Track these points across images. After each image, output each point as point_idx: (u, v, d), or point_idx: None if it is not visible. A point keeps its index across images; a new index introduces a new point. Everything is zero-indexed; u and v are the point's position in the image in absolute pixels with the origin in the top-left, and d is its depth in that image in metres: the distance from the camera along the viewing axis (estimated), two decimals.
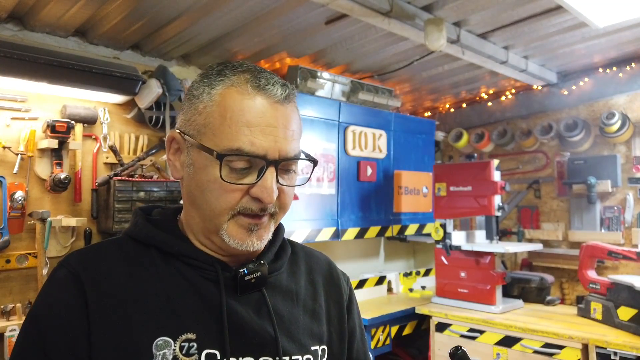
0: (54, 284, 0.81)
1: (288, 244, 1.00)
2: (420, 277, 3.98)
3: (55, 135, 2.45)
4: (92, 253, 0.85)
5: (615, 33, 2.81)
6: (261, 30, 2.63)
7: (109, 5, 2.28)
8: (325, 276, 1.01)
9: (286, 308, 0.90)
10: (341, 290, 1.02)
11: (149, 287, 0.81)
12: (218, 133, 0.80)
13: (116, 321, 0.77)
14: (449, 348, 0.89)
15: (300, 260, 1.00)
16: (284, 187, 0.84)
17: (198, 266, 0.84)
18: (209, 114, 0.81)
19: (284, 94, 0.82)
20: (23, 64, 2.25)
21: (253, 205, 0.81)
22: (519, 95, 3.85)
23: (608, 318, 2.67)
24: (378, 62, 3.25)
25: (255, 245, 0.83)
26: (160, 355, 0.76)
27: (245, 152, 0.79)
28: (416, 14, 2.45)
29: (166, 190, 2.73)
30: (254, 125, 0.79)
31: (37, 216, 2.43)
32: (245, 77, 0.82)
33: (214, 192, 0.81)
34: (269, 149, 0.79)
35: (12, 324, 2.27)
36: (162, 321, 0.78)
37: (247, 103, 0.80)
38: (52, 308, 0.78)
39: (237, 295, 0.85)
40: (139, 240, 0.86)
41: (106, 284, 0.79)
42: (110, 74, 2.51)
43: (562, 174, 3.63)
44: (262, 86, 0.81)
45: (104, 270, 0.81)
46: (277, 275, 0.92)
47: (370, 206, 3.37)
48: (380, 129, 3.44)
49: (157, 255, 0.84)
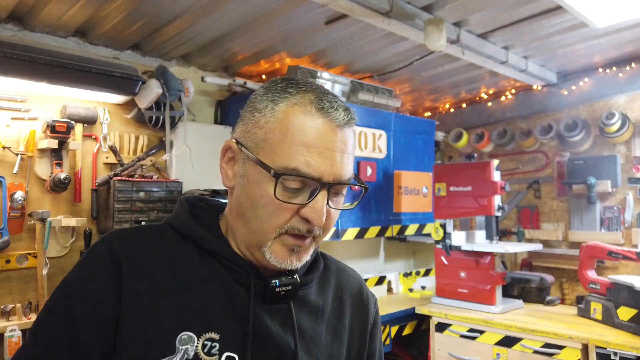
0: (93, 258, 0.81)
1: (321, 258, 1.00)
2: (420, 277, 3.98)
3: (55, 135, 2.45)
4: (133, 234, 0.86)
5: (615, 33, 2.81)
6: (261, 30, 2.63)
7: (109, 5, 2.28)
8: (354, 295, 1.01)
9: (310, 325, 0.90)
10: (368, 313, 1.03)
11: (182, 279, 0.82)
12: (277, 150, 0.80)
13: (146, 306, 0.78)
14: (449, 348, 0.90)
15: (332, 275, 1.00)
16: (331, 210, 0.84)
17: (232, 268, 0.85)
18: (269, 129, 0.81)
19: (346, 119, 0.83)
20: (23, 64, 2.25)
21: (301, 226, 0.82)
22: (519, 95, 3.85)
23: (608, 318, 2.67)
24: (378, 62, 3.25)
25: (293, 266, 0.84)
26: (183, 350, 0.77)
27: (302, 173, 0.79)
28: (416, 14, 2.45)
29: (166, 191, 2.73)
30: (313, 147, 0.79)
31: (37, 216, 2.43)
32: (309, 97, 0.82)
33: (265, 208, 0.81)
34: (324, 172, 0.80)
35: (11, 324, 2.27)
36: (189, 316, 0.79)
37: (309, 124, 0.80)
38: (86, 280, 0.79)
39: (264, 304, 0.85)
40: (179, 231, 0.87)
41: (143, 267, 0.80)
42: (110, 74, 2.51)
43: (562, 174, 3.63)
44: (325, 109, 0.81)
45: (143, 253, 0.82)
46: (306, 289, 0.93)
47: (370, 206, 3.37)
48: (380, 129, 3.44)
49: (194, 249, 0.85)
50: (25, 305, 2.38)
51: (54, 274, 2.55)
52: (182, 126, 2.94)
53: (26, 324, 2.32)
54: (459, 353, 2.92)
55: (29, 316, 2.37)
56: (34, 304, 2.43)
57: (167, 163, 2.95)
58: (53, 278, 2.54)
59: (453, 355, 2.94)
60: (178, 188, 2.76)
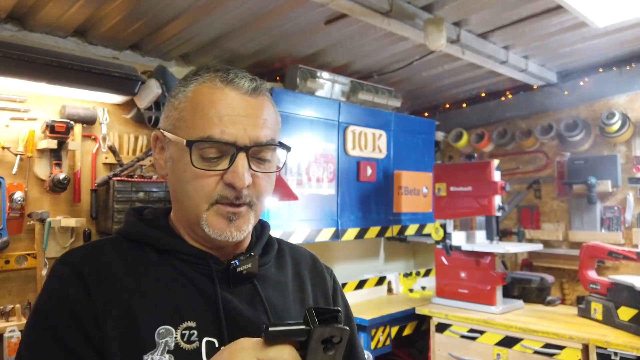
0: (56, 280, 0.82)
1: (274, 240, 1.03)
2: (420, 278, 3.97)
3: (55, 135, 2.45)
4: (90, 250, 0.88)
5: (616, 33, 2.81)
6: (261, 30, 2.62)
7: (108, 5, 2.28)
8: (310, 269, 1.05)
9: (278, 298, 0.93)
10: (326, 282, 1.06)
11: (147, 281, 0.84)
12: (191, 125, 0.84)
13: (120, 313, 0.79)
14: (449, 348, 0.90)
15: (286, 254, 1.04)
16: (258, 175, 0.86)
17: (191, 261, 0.87)
18: (182, 108, 0.86)
19: (252, 86, 0.87)
20: (22, 64, 2.24)
21: (228, 193, 0.83)
22: (519, 95, 3.85)
23: (608, 318, 2.66)
24: (378, 62, 3.24)
25: (234, 236, 0.85)
26: (163, 343, 0.79)
27: (215, 140, 0.82)
28: (416, 14, 2.44)
29: (165, 191, 2.72)
30: (224, 115, 0.83)
31: (36, 217, 2.42)
32: (216, 74, 0.86)
33: (191, 182, 0.84)
34: (238, 136, 0.82)
35: (11, 324, 2.26)
36: (162, 311, 0.81)
37: (217, 95, 0.84)
38: (59, 301, 0.79)
39: (230, 288, 0.88)
40: (133, 239, 0.89)
41: (107, 279, 0.82)
42: (110, 74, 2.51)
43: (562, 174, 3.62)
44: (230, 79, 0.85)
45: (103, 265, 0.83)
46: (266, 268, 0.96)
47: (370, 206, 3.37)
48: (380, 129, 3.44)
49: (152, 252, 0.87)
50: (24, 306, 2.38)
51: None
52: None
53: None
54: (459, 353, 2.91)
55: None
56: (33, 305, 2.42)
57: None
58: None
59: (453, 355, 2.93)
60: None
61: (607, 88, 3.40)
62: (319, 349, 0.64)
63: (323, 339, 0.64)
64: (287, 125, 2.88)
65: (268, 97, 0.90)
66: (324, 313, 0.65)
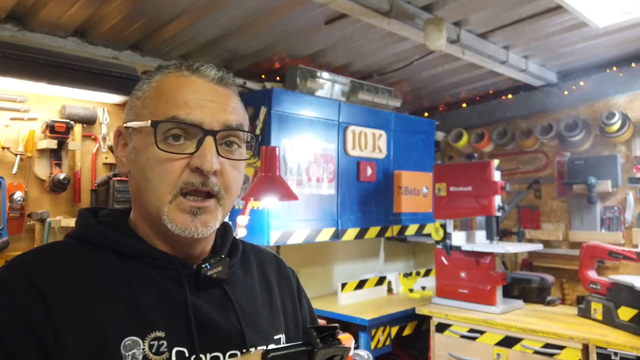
0: (6, 291, 0.74)
1: (239, 242, 1.00)
2: (420, 278, 3.97)
3: (55, 135, 2.45)
4: (42, 256, 0.81)
5: (616, 33, 2.81)
6: (261, 30, 2.62)
7: (108, 5, 2.28)
8: (275, 270, 1.04)
9: (247, 302, 0.90)
10: (291, 282, 1.05)
11: (110, 289, 0.77)
12: (155, 110, 0.81)
13: (81, 325, 0.73)
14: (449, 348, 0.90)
15: (250, 256, 1.01)
16: (226, 163, 0.82)
17: (158, 266, 0.82)
18: (146, 97, 0.83)
19: (218, 75, 0.85)
20: (22, 64, 2.24)
21: (194, 179, 0.79)
22: (519, 95, 3.85)
23: (608, 318, 2.66)
24: (378, 62, 3.24)
25: (200, 232, 0.80)
26: (130, 356, 0.73)
27: (181, 120, 0.78)
28: (416, 14, 2.44)
29: None
30: (190, 99, 0.80)
31: (37, 217, 2.42)
32: (182, 65, 0.85)
33: (154, 169, 0.79)
34: (204, 119, 0.80)
35: None
36: (128, 321, 0.75)
37: (183, 81, 0.82)
38: (12, 312, 0.71)
39: (199, 293, 0.84)
40: (91, 242, 0.82)
41: (64, 287, 0.75)
42: (110, 74, 2.51)
43: (562, 174, 3.62)
44: (196, 67, 0.84)
45: (57, 272, 0.76)
46: (233, 271, 0.93)
47: (370, 206, 3.37)
48: (380, 129, 3.44)
49: (114, 257, 0.81)
50: None
51: None
52: None
53: None
54: (459, 353, 2.91)
55: None
56: None
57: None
58: None
59: (453, 355, 2.93)
60: None
61: (607, 88, 3.40)
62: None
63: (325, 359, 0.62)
64: (287, 125, 2.88)
65: (235, 90, 0.88)
66: (322, 330, 0.63)
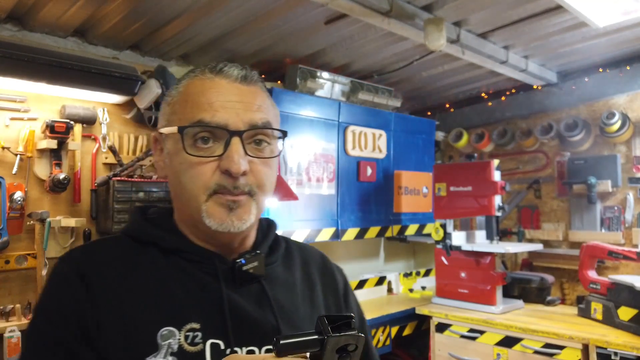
0: (57, 279, 0.81)
1: (282, 239, 1.01)
2: (420, 278, 3.97)
3: (55, 135, 2.45)
4: (92, 249, 0.87)
5: (616, 33, 2.81)
6: (261, 30, 2.62)
7: (108, 5, 2.28)
8: (319, 268, 1.03)
9: (286, 298, 0.90)
10: (336, 281, 1.03)
11: (151, 281, 0.82)
12: (182, 115, 0.83)
13: (121, 313, 0.77)
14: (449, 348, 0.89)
15: (294, 253, 1.01)
16: (256, 162, 0.83)
17: (196, 260, 0.85)
18: (175, 102, 0.86)
19: (242, 74, 0.86)
20: (22, 64, 2.24)
21: (225, 181, 0.81)
22: (519, 95, 3.85)
23: (608, 318, 2.66)
24: (378, 62, 3.24)
25: (236, 226, 0.82)
26: (166, 345, 0.76)
27: (206, 123, 0.80)
28: (416, 14, 2.44)
29: (165, 191, 2.72)
30: (215, 102, 0.82)
31: (37, 217, 2.42)
32: (206, 67, 0.87)
33: (187, 172, 0.82)
34: (229, 120, 0.81)
35: (11, 324, 2.26)
36: (166, 312, 0.79)
37: (207, 84, 0.84)
38: (60, 301, 0.78)
39: (236, 288, 0.85)
40: (137, 238, 0.87)
41: (109, 278, 0.80)
42: (110, 74, 2.51)
43: (562, 174, 3.62)
44: (219, 68, 0.85)
45: (105, 264, 0.82)
46: (273, 267, 0.93)
47: (370, 206, 3.37)
48: (380, 129, 3.44)
49: (156, 252, 0.85)
50: (24, 306, 2.38)
51: None
52: None
53: (26, 325, 2.32)
54: (459, 353, 2.91)
55: (29, 317, 2.36)
56: (33, 305, 2.42)
57: None
58: None
59: (453, 355, 2.93)
60: None
61: (607, 88, 3.40)
62: (334, 359, 0.61)
63: (338, 348, 0.61)
64: (287, 126, 2.88)
65: (261, 86, 0.89)
66: (336, 320, 0.62)
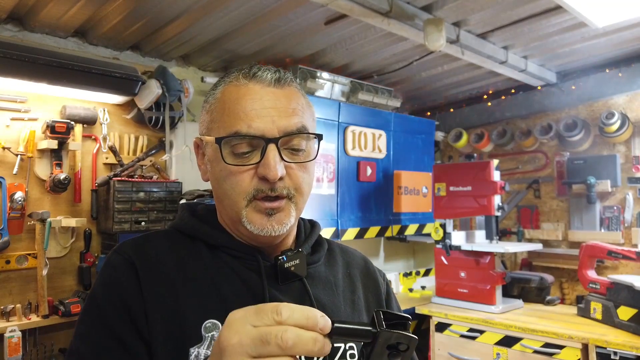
0: (110, 268, 0.85)
1: (324, 240, 1.03)
2: (420, 277, 3.98)
3: (55, 135, 2.45)
4: (143, 241, 0.90)
5: (615, 33, 2.81)
6: (261, 30, 2.63)
7: (109, 5, 2.28)
8: (361, 270, 1.04)
9: (327, 297, 0.92)
10: (378, 284, 1.05)
11: (197, 274, 0.85)
12: (221, 124, 0.85)
13: (167, 304, 0.80)
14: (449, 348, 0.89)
15: (337, 255, 1.03)
16: (292, 166, 0.85)
17: (240, 257, 0.89)
18: (213, 110, 0.88)
19: (275, 77, 0.87)
20: (23, 64, 2.25)
21: (263, 186, 0.83)
22: (519, 95, 3.85)
23: (608, 318, 2.67)
24: (378, 62, 3.25)
25: (276, 230, 0.85)
26: (209, 337, 0.79)
27: (243, 134, 0.82)
28: (416, 14, 2.45)
29: (166, 191, 2.72)
30: (250, 110, 0.83)
31: (37, 217, 2.43)
32: (239, 72, 0.88)
33: (227, 180, 0.85)
34: (265, 129, 0.82)
35: (11, 324, 2.27)
36: (210, 305, 0.82)
37: (242, 91, 0.85)
38: (111, 288, 0.82)
39: (278, 285, 0.88)
40: (186, 233, 0.92)
41: (157, 269, 0.84)
42: (110, 74, 2.51)
43: (562, 174, 3.63)
44: (252, 74, 0.86)
45: (155, 256, 0.86)
46: (316, 267, 0.96)
47: (370, 206, 3.37)
48: (380, 129, 3.44)
49: (203, 247, 0.89)
50: (25, 306, 2.38)
51: (54, 274, 2.55)
52: (181, 126, 2.94)
53: (26, 325, 2.32)
54: (459, 353, 2.92)
55: (29, 317, 2.37)
56: (33, 305, 2.43)
57: (166, 163, 2.95)
58: (53, 278, 2.54)
59: (453, 355, 2.94)
60: (178, 188, 2.76)
61: (607, 88, 3.41)
62: (384, 354, 0.61)
63: (389, 345, 0.60)
64: None
65: (296, 86, 0.90)
66: (392, 318, 0.62)
